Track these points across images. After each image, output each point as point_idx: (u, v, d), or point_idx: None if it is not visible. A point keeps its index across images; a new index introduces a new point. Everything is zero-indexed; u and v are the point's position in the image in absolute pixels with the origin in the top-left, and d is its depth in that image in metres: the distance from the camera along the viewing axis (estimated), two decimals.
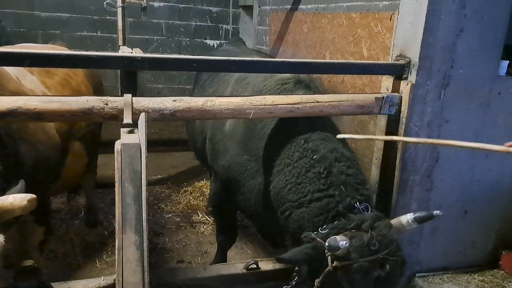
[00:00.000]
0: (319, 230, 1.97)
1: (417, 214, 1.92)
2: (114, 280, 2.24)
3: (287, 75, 2.48)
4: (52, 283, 2.21)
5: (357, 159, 2.33)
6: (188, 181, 4.66)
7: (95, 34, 5.39)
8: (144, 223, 1.74)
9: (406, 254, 2.66)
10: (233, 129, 2.56)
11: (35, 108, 1.89)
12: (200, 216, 3.96)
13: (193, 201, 4.21)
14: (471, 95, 2.49)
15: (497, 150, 1.74)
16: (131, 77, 2.11)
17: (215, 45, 5.78)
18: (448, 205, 2.66)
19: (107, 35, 5.37)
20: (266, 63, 2.23)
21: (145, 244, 1.71)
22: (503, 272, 2.80)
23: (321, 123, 2.32)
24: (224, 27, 5.78)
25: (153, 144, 5.40)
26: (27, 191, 1.92)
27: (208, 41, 5.76)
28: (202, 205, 4.15)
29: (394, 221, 1.97)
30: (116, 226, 1.70)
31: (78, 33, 5.35)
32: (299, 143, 2.22)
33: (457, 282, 2.69)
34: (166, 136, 5.76)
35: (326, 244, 1.81)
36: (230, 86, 2.86)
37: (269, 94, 2.33)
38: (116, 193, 1.74)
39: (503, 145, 1.73)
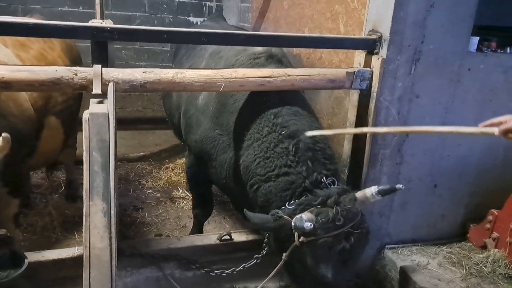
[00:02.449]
0: (286, 205, 2.01)
1: (381, 187, 1.97)
2: None
3: (260, 49, 2.49)
4: (26, 253, 2.24)
5: None
6: (170, 159, 4.69)
7: (76, 9, 5.29)
8: (112, 191, 1.76)
9: (376, 227, 2.74)
10: (206, 104, 2.58)
11: (3, 77, 1.88)
12: (181, 192, 4.00)
13: (174, 178, 4.25)
14: (441, 70, 2.52)
15: (472, 132, 1.74)
16: (101, 48, 2.09)
17: (199, 23, 5.71)
18: (417, 179, 2.72)
19: (89, 10, 5.27)
20: (238, 35, 2.23)
21: (112, 212, 1.73)
22: (470, 244, 2.88)
23: (291, 97, 2.35)
24: (207, 4, 5.70)
25: (136, 122, 5.41)
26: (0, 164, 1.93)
27: (192, 18, 5.69)
28: (183, 182, 4.18)
29: (359, 194, 2.02)
30: (84, 194, 1.72)
31: (59, 9, 5.25)
32: (269, 118, 2.24)
33: (426, 253, 2.77)
34: (149, 114, 5.76)
35: (292, 224, 1.86)
36: (205, 60, 2.87)
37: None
38: (84, 161, 1.76)
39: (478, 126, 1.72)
